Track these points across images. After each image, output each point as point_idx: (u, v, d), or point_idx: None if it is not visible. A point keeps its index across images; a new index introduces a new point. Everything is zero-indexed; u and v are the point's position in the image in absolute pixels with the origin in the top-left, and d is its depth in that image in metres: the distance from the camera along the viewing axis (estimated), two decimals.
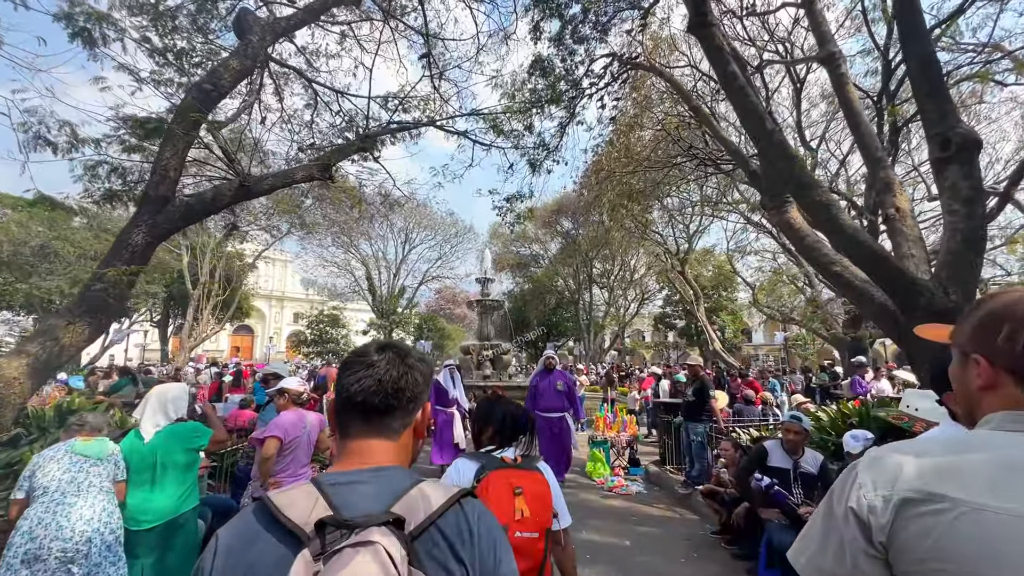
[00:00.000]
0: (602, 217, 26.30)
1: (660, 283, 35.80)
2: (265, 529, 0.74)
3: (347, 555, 0.64)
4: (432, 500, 0.78)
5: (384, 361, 0.89)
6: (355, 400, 0.86)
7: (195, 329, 20.92)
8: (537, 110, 10.02)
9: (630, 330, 45.41)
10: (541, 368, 6.60)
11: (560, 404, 6.10)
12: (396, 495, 0.77)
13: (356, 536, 0.67)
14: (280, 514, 0.73)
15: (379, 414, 0.87)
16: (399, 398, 0.88)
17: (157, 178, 5.24)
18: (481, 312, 15.98)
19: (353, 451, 0.86)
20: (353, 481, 0.79)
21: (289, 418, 3.17)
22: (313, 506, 0.74)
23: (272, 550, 0.71)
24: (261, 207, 23.76)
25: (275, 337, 47.63)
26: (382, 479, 0.80)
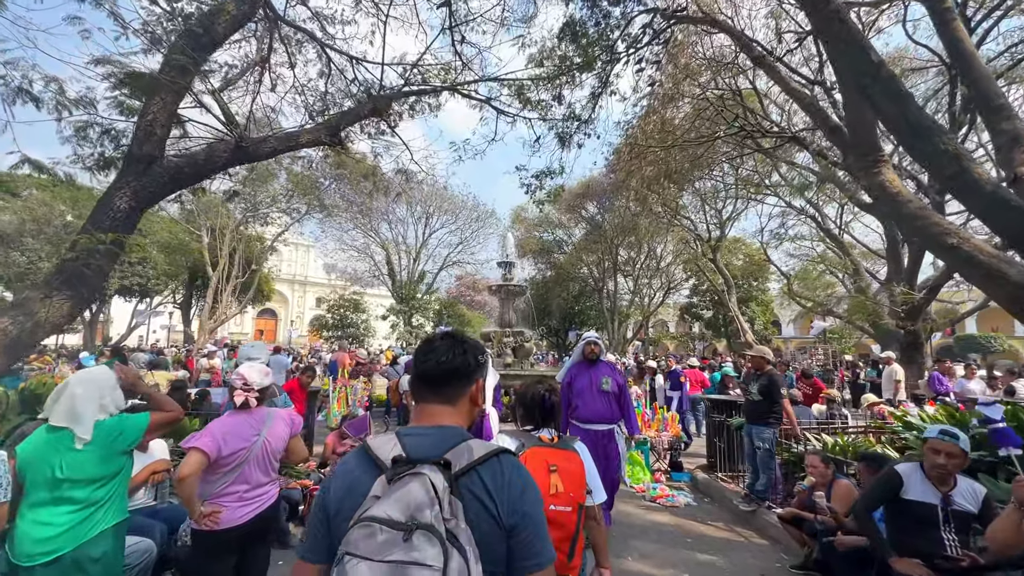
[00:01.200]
0: (629, 202, 25.25)
1: (687, 272, 34.51)
2: (362, 462, 1.06)
3: (405, 480, 0.93)
4: (475, 451, 1.04)
5: (444, 346, 1.17)
6: (425, 375, 1.16)
7: (215, 311, 20.81)
8: (567, 79, 9.14)
9: (653, 320, 44.20)
10: (578, 358, 4.60)
11: (609, 411, 4.21)
12: (449, 446, 1.04)
13: (415, 468, 0.95)
14: (372, 453, 1.05)
15: (441, 385, 1.15)
16: (456, 374, 1.16)
17: (141, 135, 4.64)
18: (503, 298, 15.29)
19: (423, 412, 1.15)
20: (420, 434, 1.09)
21: (229, 423, 2.24)
22: (392, 448, 1.04)
23: (364, 475, 1.02)
24: (281, 189, 23.48)
25: (297, 321, 48.03)
26: (441, 434, 1.08)
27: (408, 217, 28.67)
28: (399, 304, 27.92)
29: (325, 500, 1.04)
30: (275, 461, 2.36)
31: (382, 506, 0.89)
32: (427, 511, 0.87)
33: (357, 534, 0.86)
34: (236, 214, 21.94)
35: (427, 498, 0.88)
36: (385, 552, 0.83)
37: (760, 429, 4.54)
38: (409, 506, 0.87)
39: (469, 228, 29.94)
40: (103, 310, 25.79)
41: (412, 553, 0.83)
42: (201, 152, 5.03)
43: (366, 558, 0.84)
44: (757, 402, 4.53)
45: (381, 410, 10.58)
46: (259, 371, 2.36)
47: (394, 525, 0.85)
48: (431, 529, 0.85)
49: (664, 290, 35.12)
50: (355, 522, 0.89)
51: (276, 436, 2.35)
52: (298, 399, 4.89)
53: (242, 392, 2.24)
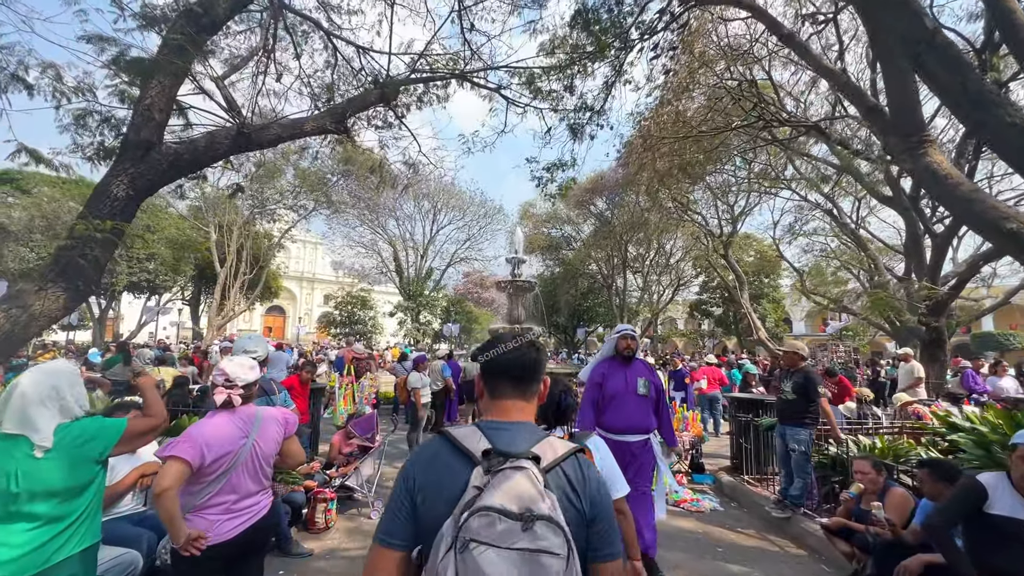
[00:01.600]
0: (639, 197, 24.89)
1: (697, 268, 34.08)
2: (447, 452, 1.08)
3: (508, 473, 0.96)
4: (557, 449, 1.09)
5: (525, 345, 1.24)
6: (508, 371, 1.21)
7: (223, 308, 20.75)
8: (579, 68, 8.85)
9: (662, 317, 43.75)
10: (608, 354, 3.83)
11: (646, 420, 3.56)
12: (532, 441, 1.09)
13: (512, 462, 0.98)
14: (460, 443, 1.07)
15: (522, 382, 1.21)
16: (534, 372, 1.22)
17: (139, 120, 4.44)
18: (512, 293, 15.03)
19: (502, 408, 1.19)
20: (503, 428, 1.12)
21: (212, 426, 1.93)
22: (479, 441, 1.07)
23: (453, 465, 1.05)
24: (288, 185, 23.38)
25: (305, 318, 48.13)
26: (522, 429, 1.13)
27: (416, 213, 28.51)
28: (407, 301, 27.77)
29: (409, 487, 1.06)
30: (267, 467, 2.06)
31: (493, 497, 0.93)
32: (540, 503, 0.93)
33: (477, 522, 0.90)
34: (244, 211, 21.87)
35: (536, 491, 0.94)
36: (509, 540, 0.88)
37: (795, 430, 4.17)
38: (522, 498, 0.92)
39: (477, 224, 29.73)
40: (112, 307, 25.90)
41: (538, 542, 0.89)
42: (202, 139, 4.82)
43: (492, 545, 0.88)
44: (791, 401, 4.18)
45: (388, 407, 10.38)
46: (243, 365, 2.04)
47: (510, 515, 0.90)
48: (551, 520, 0.92)
49: (673, 287, 34.72)
50: (470, 511, 0.92)
51: (267, 438, 2.04)
52: (298, 395, 4.64)
53: (223, 389, 1.93)
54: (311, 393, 4.99)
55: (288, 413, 2.21)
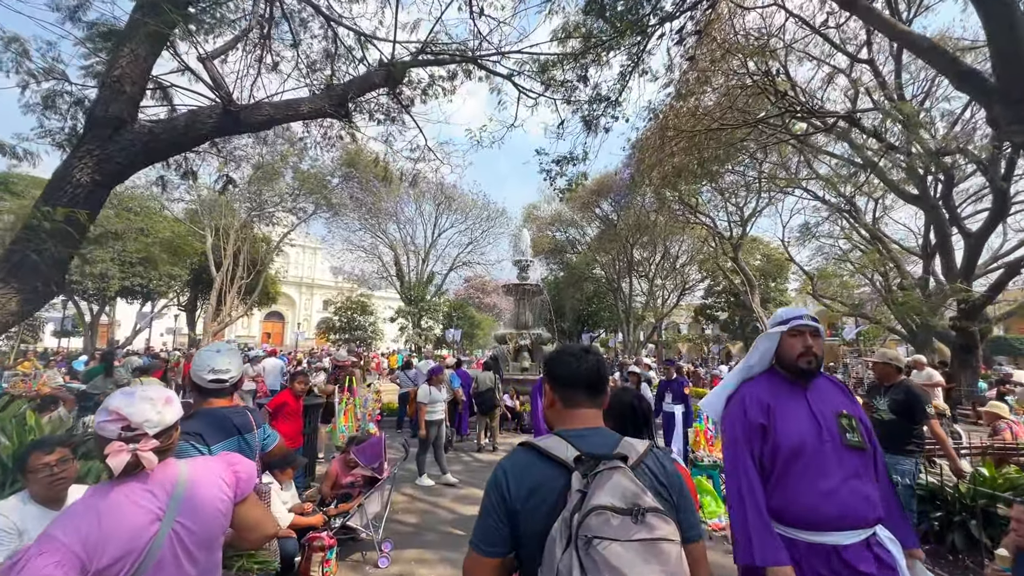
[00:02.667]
0: (645, 199, 24.33)
1: (703, 272, 33.51)
2: (539, 461, 1.13)
3: (606, 474, 1.01)
4: (637, 447, 1.16)
5: (594, 356, 1.29)
6: (584, 381, 1.25)
7: (219, 313, 20.09)
8: (593, 57, 8.27)
9: (666, 322, 43.10)
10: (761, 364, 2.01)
11: (866, 499, 1.71)
12: (612, 444, 1.16)
13: (606, 464, 1.04)
14: (550, 453, 1.12)
15: (596, 391, 1.26)
16: (604, 381, 1.28)
17: (107, 93, 3.83)
18: (519, 297, 14.40)
19: (579, 416, 1.24)
20: (584, 435, 1.18)
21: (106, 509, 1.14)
22: (566, 449, 1.12)
23: (547, 473, 1.10)
24: (287, 188, 22.80)
25: (304, 324, 47.48)
26: (600, 434, 1.21)
27: (417, 217, 27.92)
28: (408, 306, 27.12)
29: (505, 496, 1.10)
30: (207, 555, 1.30)
31: (600, 496, 0.98)
32: (645, 497, 1.00)
33: (595, 521, 0.95)
34: (241, 213, 21.26)
35: (636, 487, 1.01)
36: (628, 533, 0.94)
37: (896, 459, 3.36)
38: (626, 494, 0.99)
39: (479, 228, 29.11)
40: (107, 312, 25.21)
41: (655, 531, 0.95)
42: (181, 117, 4.20)
43: (615, 539, 0.93)
44: (889, 423, 3.38)
45: (391, 420, 9.68)
46: (153, 400, 1.25)
47: (619, 511, 0.96)
48: (658, 510, 0.99)
49: (679, 291, 34.13)
50: (584, 512, 0.96)
51: (202, 512, 1.26)
52: (292, 414, 4.02)
53: (121, 447, 1.16)
54: (306, 410, 4.33)
55: (239, 463, 1.42)
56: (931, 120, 10.94)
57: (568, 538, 0.96)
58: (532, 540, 1.04)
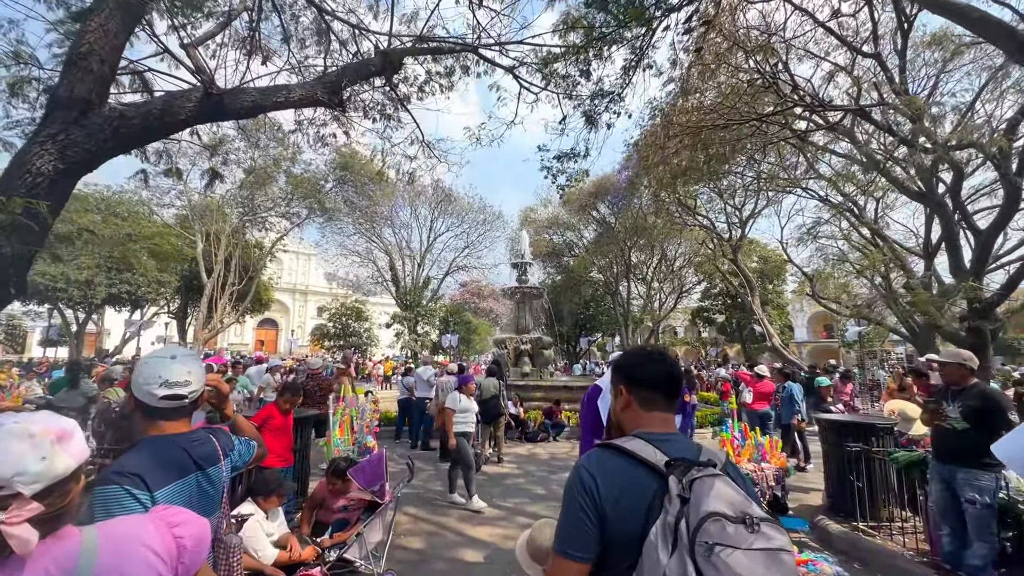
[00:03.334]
0: (642, 201, 24.10)
1: (700, 275, 33.32)
2: (627, 463, 1.09)
3: (707, 481, 0.99)
4: (719, 455, 1.14)
5: (671, 359, 1.28)
6: (665, 384, 1.23)
7: (210, 320, 19.56)
8: (596, 50, 7.97)
9: (662, 325, 42.86)
10: None
11: None
12: (696, 450, 1.15)
13: (702, 470, 1.02)
14: (638, 455, 1.09)
15: (673, 395, 1.24)
16: (681, 385, 1.27)
17: (73, 70, 3.44)
18: (519, 301, 14.05)
19: (657, 419, 1.22)
20: (666, 440, 1.14)
21: None
22: (654, 453, 1.09)
23: (637, 475, 1.07)
24: (281, 192, 22.36)
25: (298, 331, 46.85)
26: (680, 439, 1.18)
27: (412, 221, 27.50)
28: (403, 311, 26.66)
29: (594, 499, 1.06)
30: None
31: (710, 503, 0.95)
32: (753, 506, 0.97)
33: (713, 528, 0.92)
34: (233, 218, 20.80)
35: (740, 495, 0.99)
36: (746, 541, 0.90)
37: (971, 474, 3.01)
38: (733, 502, 0.96)
39: (475, 231, 28.74)
40: (96, 321, 24.57)
41: (772, 541, 0.92)
42: (157, 100, 3.82)
43: (736, 547, 0.89)
44: (962, 433, 3.03)
45: (390, 429, 9.24)
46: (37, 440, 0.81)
47: (730, 519, 0.93)
48: (769, 520, 0.96)
49: (676, 294, 33.91)
50: (699, 518, 0.93)
51: None
52: (279, 430, 3.55)
53: None
54: (297, 424, 3.90)
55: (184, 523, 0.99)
56: (942, 113, 10.73)
57: (673, 544, 0.95)
58: (621, 544, 1.03)
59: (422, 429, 7.92)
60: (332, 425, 4.42)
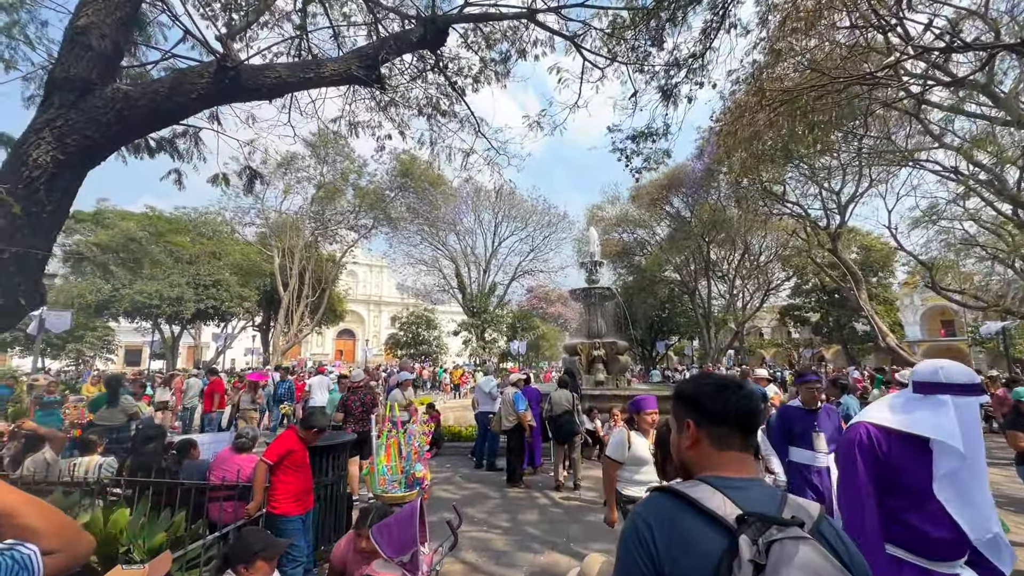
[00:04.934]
0: (720, 192, 22.11)
1: (788, 269, 30.22)
2: (687, 514, 0.91)
3: (789, 545, 0.80)
4: (810, 510, 0.93)
5: (749, 389, 1.07)
6: (742, 419, 1.03)
7: (287, 332, 20.29)
8: (669, 15, 6.95)
9: (747, 326, 39.48)
10: None
11: None
12: (777, 502, 0.94)
13: (784, 531, 0.82)
14: (702, 505, 0.90)
15: (751, 432, 1.06)
16: (760, 421, 1.08)
17: (70, 47, 3.02)
18: (590, 303, 12.98)
19: (730, 461, 1.02)
20: (741, 487, 0.95)
21: None
22: (723, 503, 0.90)
23: (699, 531, 0.88)
24: (349, 205, 22.95)
25: (373, 340, 48.48)
26: (758, 486, 0.97)
27: (476, 227, 27.27)
28: (470, 318, 26.38)
29: (650, 554, 0.91)
30: None
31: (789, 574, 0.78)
32: None
33: None
34: (306, 233, 21.56)
35: (835, 568, 0.81)
36: None
37: None
38: None
39: (540, 234, 27.96)
40: (192, 334, 26.54)
41: None
42: (166, 78, 3.35)
43: None
44: None
45: (456, 446, 8.55)
46: None
47: None
48: None
49: (762, 292, 30.99)
50: None
51: None
52: (297, 466, 2.87)
53: None
54: (320, 453, 3.22)
55: None
56: None
57: None
58: None
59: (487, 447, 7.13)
60: (377, 449, 3.74)
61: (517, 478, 6.17)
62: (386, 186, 22.22)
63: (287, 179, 20.92)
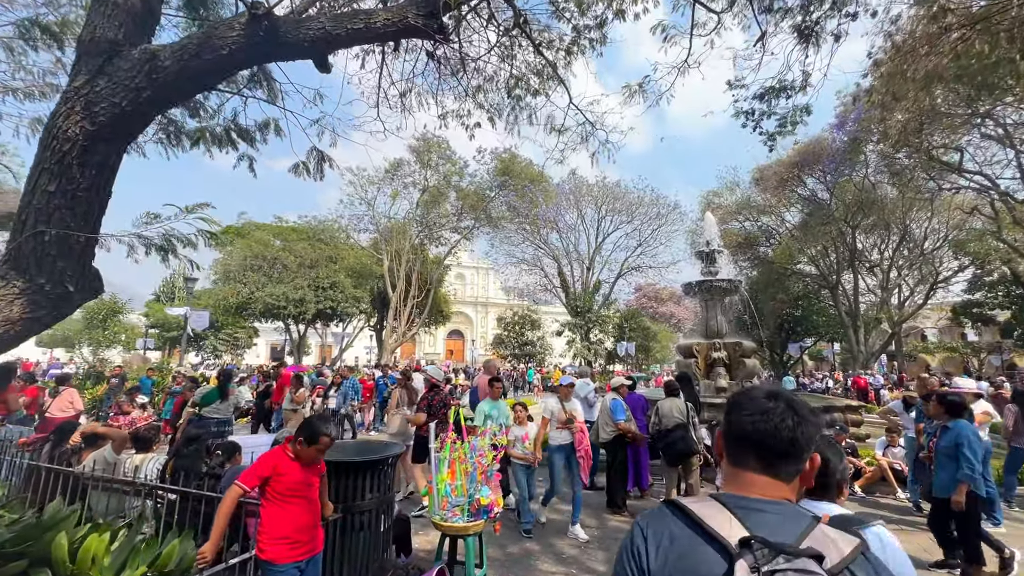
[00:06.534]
0: (869, 164, 18.52)
1: (964, 256, 24.59)
2: (686, 532, 0.84)
3: None
4: (840, 544, 0.80)
5: (779, 410, 0.93)
6: (751, 439, 0.93)
7: (396, 331, 21.14)
8: None
9: (906, 327, 33.03)
10: None
11: None
12: (801, 530, 0.82)
13: (791, 561, 0.73)
14: (704, 523, 0.83)
15: (774, 457, 0.92)
16: (794, 447, 0.91)
17: (100, 7, 2.76)
18: (708, 299, 11.33)
19: (747, 481, 0.92)
20: (757, 508, 0.85)
21: None
22: (730, 523, 0.82)
23: (697, 552, 0.81)
24: (452, 208, 23.37)
25: (480, 340, 49.61)
26: (783, 510, 0.86)
27: (579, 223, 26.21)
28: (574, 318, 25.38)
29: (643, 567, 0.86)
30: None
31: None
32: None
33: None
34: (412, 236, 22.34)
35: None
36: None
37: None
38: None
39: (648, 227, 26.03)
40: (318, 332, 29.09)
41: None
42: (195, 35, 2.98)
43: None
44: None
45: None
46: None
47: None
48: None
49: (927, 285, 25.65)
50: None
51: None
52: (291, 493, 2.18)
53: None
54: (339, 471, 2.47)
55: None
56: None
57: None
58: None
59: None
60: (438, 465, 3.06)
61: (620, 502, 5.16)
62: (487, 186, 22.21)
63: (395, 184, 21.83)
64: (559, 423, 4.83)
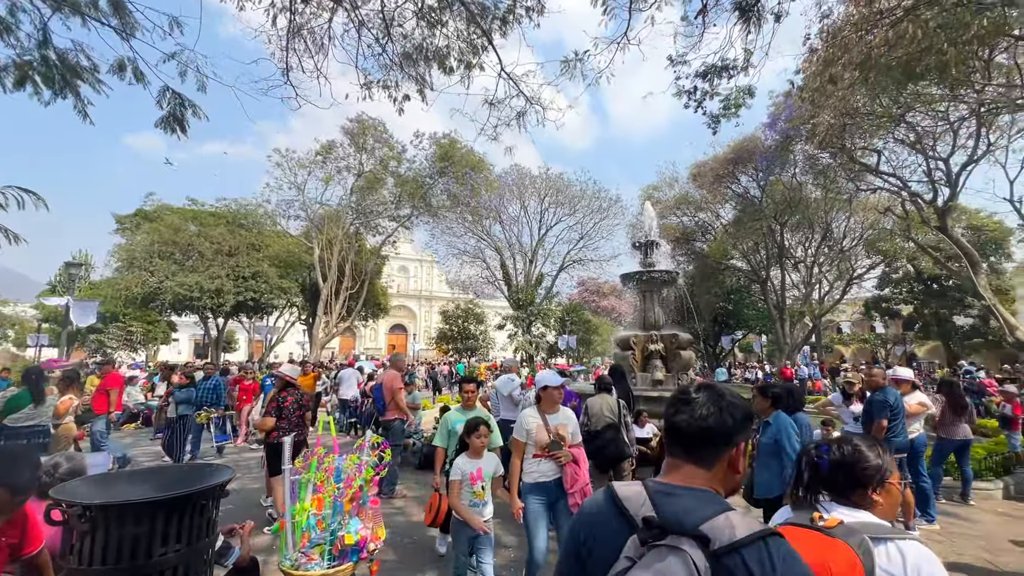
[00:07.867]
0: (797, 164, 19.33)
1: (874, 255, 26.47)
2: (610, 510, 0.97)
3: (662, 552, 0.80)
4: (737, 529, 0.83)
5: (700, 400, 1.02)
6: (674, 428, 1.04)
7: (328, 324, 19.76)
8: None
9: (824, 321, 35.36)
10: None
11: None
12: (705, 515, 0.86)
13: (670, 539, 0.81)
14: (622, 503, 0.95)
15: (693, 445, 1.01)
16: (708, 433, 1.00)
17: None
18: (645, 290, 11.11)
19: (672, 468, 1.03)
20: (672, 492, 0.95)
21: None
22: (642, 504, 0.93)
23: (612, 526, 0.94)
24: (390, 195, 22.17)
25: (424, 335, 48.34)
26: (695, 498, 0.93)
27: (521, 214, 25.75)
28: (516, 311, 24.96)
29: (577, 542, 1.00)
30: None
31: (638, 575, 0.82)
32: None
33: None
34: (346, 223, 20.98)
35: None
36: None
37: None
38: None
39: (590, 220, 26.02)
40: (243, 327, 26.92)
41: None
42: None
43: None
44: None
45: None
46: None
47: None
48: None
49: (844, 281, 27.40)
50: None
51: None
52: None
53: None
54: (145, 513, 1.80)
55: None
56: None
57: None
58: None
59: None
60: (300, 492, 2.36)
61: None
62: (426, 172, 21.20)
63: (327, 168, 20.37)
64: (538, 448, 3.22)
